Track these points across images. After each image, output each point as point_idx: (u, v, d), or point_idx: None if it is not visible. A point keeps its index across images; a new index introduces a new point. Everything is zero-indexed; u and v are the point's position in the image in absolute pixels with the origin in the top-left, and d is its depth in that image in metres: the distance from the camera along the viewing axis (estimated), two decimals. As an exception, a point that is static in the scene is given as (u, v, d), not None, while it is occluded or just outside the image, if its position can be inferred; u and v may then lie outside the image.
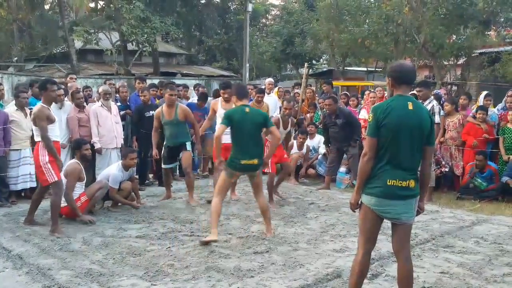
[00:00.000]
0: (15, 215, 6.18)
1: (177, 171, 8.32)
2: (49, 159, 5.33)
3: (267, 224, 5.40)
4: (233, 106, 6.22)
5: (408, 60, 19.97)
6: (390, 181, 3.18)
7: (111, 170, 6.50)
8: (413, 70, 3.46)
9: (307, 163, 8.84)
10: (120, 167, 6.50)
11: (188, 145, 6.95)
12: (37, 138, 5.41)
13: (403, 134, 3.19)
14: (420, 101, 7.33)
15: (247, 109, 5.23)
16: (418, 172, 3.37)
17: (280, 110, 9.54)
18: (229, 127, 5.20)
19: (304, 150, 8.76)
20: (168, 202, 6.93)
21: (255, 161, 5.19)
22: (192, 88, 10.26)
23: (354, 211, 3.47)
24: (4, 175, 6.74)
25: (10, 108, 7.02)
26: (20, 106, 6.95)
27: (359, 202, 3.36)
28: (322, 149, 8.73)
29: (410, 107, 3.23)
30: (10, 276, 4.16)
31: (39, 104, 5.45)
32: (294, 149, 8.72)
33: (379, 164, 3.22)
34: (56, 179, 5.39)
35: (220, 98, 7.03)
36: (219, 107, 6.82)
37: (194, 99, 9.22)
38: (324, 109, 8.45)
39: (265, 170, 6.94)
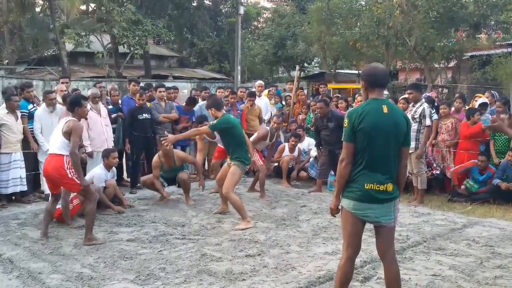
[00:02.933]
0: (6, 218, 6.13)
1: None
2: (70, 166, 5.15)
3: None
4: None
5: (399, 62, 20.09)
6: (368, 185, 3.19)
7: (94, 171, 6.56)
8: (386, 73, 3.43)
9: (298, 165, 8.87)
10: (103, 167, 6.56)
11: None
12: (57, 151, 5.15)
13: (379, 138, 3.19)
14: (411, 103, 7.40)
15: (231, 116, 6.37)
16: None
17: (272, 114, 9.52)
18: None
19: (296, 152, 8.79)
20: (159, 205, 6.90)
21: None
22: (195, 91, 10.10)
23: (335, 216, 3.48)
24: (-6, 179, 6.70)
25: (1, 111, 6.94)
26: (11, 109, 6.89)
27: (340, 207, 3.36)
28: (314, 152, 8.75)
29: (385, 110, 3.23)
30: (0, 280, 4.11)
31: (74, 119, 5.22)
32: (286, 152, 8.76)
33: (357, 169, 3.23)
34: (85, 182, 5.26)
35: None
36: None
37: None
38: (316, 112, 8.48)
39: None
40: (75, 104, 5.34)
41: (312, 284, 4.03)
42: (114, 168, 6.89)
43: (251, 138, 7.41)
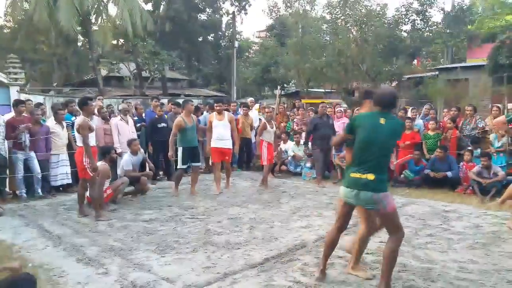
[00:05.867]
0: (55, 205, 6.06)
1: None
2: (89, 160, 5.10)
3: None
4: (223, 116, 6.52)
5: (355, 83, 20.13)
6: None
7: (123, 159, 6.53)
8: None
9: (280, 161, 8.71)
10: (129, 154, 6.49)
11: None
12: (80, 144, 5.14)
13: None
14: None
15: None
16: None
17: (260, 121, 9.46)
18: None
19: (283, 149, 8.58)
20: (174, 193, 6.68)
21: None
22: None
23: None
24: (46, 174, 6.62)
25: (50, 122, 6.89)
26: (58, 121, 6.83)
27: None
28: (291, 152, 8.57)
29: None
30: (51, 252, 4.07)
31: (82, 117, 5.14)
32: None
33: None
34: (92, 175, 5.14)
35: (214, 112, 6.80)
36: (214, 119, 6.63)
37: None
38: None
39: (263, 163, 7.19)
40: (83, 104, 5.20)
41: (290, 250, 4.02)
42: (141, 151, 6.71)
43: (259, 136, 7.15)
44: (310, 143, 7.80)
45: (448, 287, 3.22)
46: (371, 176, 2.90)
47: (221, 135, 6.49)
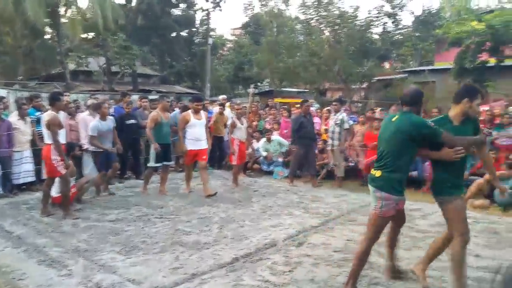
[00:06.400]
0: (17, 203, 5.82)
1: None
2: (60, 158, 4.96)
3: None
4: (200, 115, 6.28)
5: (327, 83, 20.48)
6: None
7: (90, 124, 6.05)
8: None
9: (253, 160, 8.61)
10: (97, 120, 6.00)
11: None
12: (48, 141, 4.94)
13: None
14: (333, 112, 7.49)
15: None
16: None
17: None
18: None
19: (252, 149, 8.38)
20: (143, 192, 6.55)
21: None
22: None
23: None
24: (8, 171, 6.32)
25: (13, 118, 6.58)
26: (22, 116, 6.54)
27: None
28: (264, 153, 8.48)
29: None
30: (11, 253, 3.89)
31: (51, 112, 4.93)
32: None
33: None
34: (64, 172, 5.00)
35: (190, 110, 6.47)
36: (191, 117, 6.29)
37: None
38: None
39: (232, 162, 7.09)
40: (54, 99, 5.01)
41: (260, 249, 4.03)
42: (111, 118, 6.24)
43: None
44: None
45: (412, 284, 3.31)
46: (378, 173, 2.93)
47: (199, 135, 6.28)
